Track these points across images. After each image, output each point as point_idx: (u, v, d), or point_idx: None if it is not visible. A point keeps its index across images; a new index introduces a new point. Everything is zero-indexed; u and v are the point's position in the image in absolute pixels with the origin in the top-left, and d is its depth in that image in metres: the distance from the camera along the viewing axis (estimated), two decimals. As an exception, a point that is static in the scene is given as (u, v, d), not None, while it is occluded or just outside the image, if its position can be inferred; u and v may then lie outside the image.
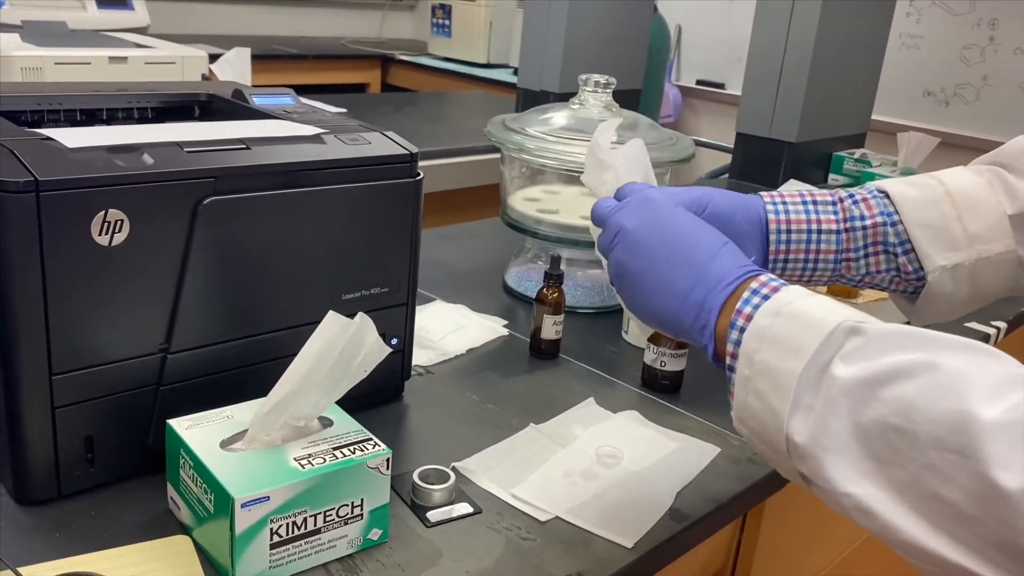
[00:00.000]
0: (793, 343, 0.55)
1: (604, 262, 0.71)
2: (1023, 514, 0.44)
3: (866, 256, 0.76)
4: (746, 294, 0.60)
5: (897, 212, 0.74)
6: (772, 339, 0.57)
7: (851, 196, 0.77)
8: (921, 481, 0.48)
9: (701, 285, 0.62)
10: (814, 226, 0.75)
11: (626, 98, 2.15)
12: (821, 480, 0.53)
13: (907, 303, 0.79)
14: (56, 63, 1.68)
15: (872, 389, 0.51)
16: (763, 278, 0.61)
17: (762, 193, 0.78)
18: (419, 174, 0.86)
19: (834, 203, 0.77)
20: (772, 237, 0.76)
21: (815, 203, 0.77)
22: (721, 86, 3.95)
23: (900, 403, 0.50)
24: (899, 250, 0.74)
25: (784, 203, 0.77)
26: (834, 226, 0.76)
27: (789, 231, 0.76)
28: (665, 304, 0.64)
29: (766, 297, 0.59)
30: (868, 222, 0.75)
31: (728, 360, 0.60)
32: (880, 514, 0.50)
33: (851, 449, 0.52)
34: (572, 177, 1.23)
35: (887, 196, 0.75)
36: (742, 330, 0.59)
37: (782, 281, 0.61)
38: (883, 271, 0.76)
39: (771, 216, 0.76)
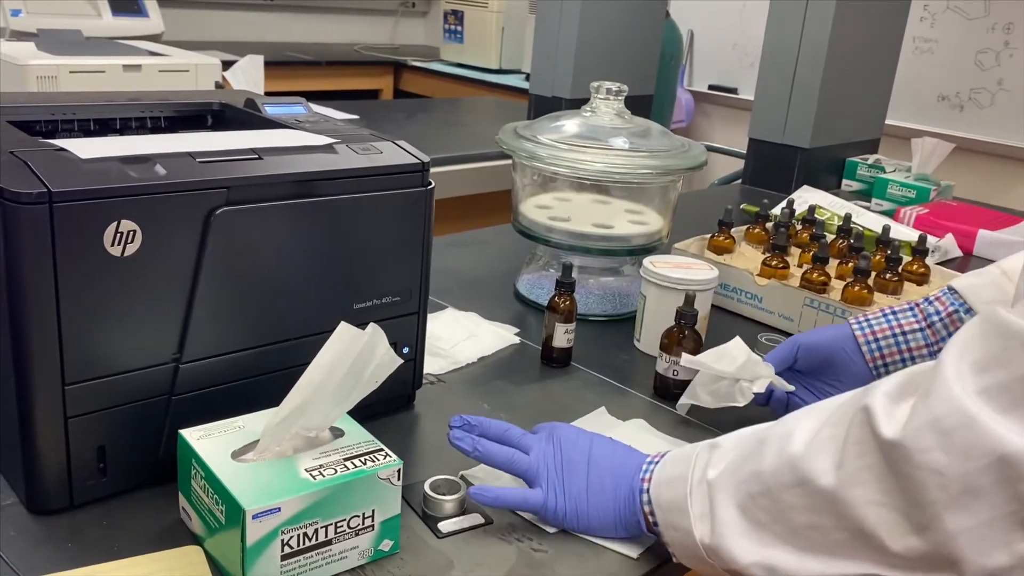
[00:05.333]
0: (677, 475, 0.69)
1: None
2: (849, 501, 0.56)
3: None
4: (644, 466, 0.73)
5: (965, 301, 0.88)
6: (664, 481, 0.70)
7: (926, 300, 0.92)
8: (792, 522, 0.60)
9: (623, 496, 0.73)
10: (897, 330, 0.91)
11: (638, 104, 2.14)
12: (733, 564, 0.63)
13: None
14: (71, 72, 1.69)
15: (735, 474, 0.64)
16: (654, 455, 0.74)
17: (849, 318, 0.94)
18: (430, 183, 0.86)
19: (911, 309, 0.92)
20: (864, 349, 0.91)
21: (894, 313, 0.92)
22: (734, 91, 3.94)
23: (752, 474, 0.63)
24: None
25: (867, 319, 0.93)
26: (916, 326, 0.90)
27: (877, 340, 0.91)
28: (603, 519, 0.74)
29: (655, 462, 0.73)
30: (943, 314, 0.89)
31: (651, 520, 0.71)
32: (782, 566, 0.61)
33: (741, 527, 0.63)
34: (583, 184, 1.22)
35: (955, 291, 0.90)
36: (648, 491, 0.71)
37: (666, 451, 0.74)
38: None
39: (857, 333, 0.92)
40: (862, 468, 0.56)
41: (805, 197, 1.78)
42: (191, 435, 0.70)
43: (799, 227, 1.48)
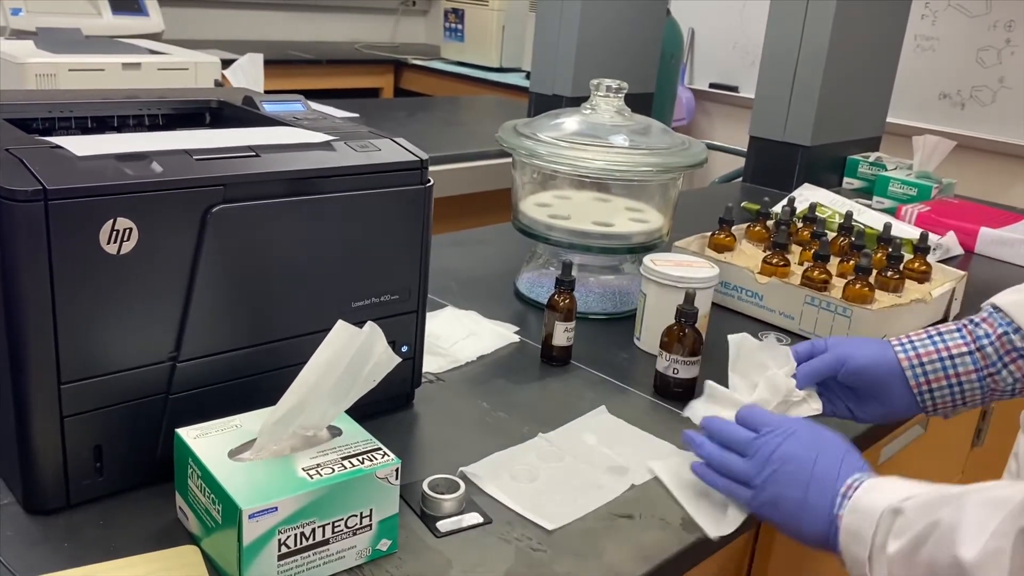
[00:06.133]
0: (859, 533, 0.68)
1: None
2: None
3: (1005, 366, 0.85)
4: (839, 500, 0.72)
5: (1012, 320, 0.85)
6: (848, 533, 0.70)
7: (971, 320, 0.88)
8: None
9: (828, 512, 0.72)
10: (944, 354, 0.86)
11: (639, 102, 2.14)
12: None
13: None
14: (70, 70, 1.68)
15: (911, 557, 0.64)
16: (850, 480, 0.72)
17: (891, 338, 0.89)
18: (429, 180, 0.86)
19: (959, 329, 0.87)
20: (908, 373, 0.86)
21: (940, 334, 0.87)
22: (735, 89, 3.94)
23: (927, 564, 0.63)
24: None
25: (911, 341, 0.88)
26: (964, 348, 0.86)
27: (922, 363, 0.86)
28: (815, 531, 0.73)
29: (848, 497, 0.71)
30: (993, 336, 0.85)
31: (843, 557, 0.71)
32: None
33: None
34: (584, 182, 1.22)
35: (999, 309, 0.86)
36: (840, 529, 0.71)
37: (865, 477, 0.72)
38: None
39: (901, 356, 0.87)
40: None
41: (806, 195, 1.77)
42: (188, 434, 0.69)
43: (800, 225, 1.47)
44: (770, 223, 1.43)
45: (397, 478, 0.69)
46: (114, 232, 0.66)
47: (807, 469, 0.74)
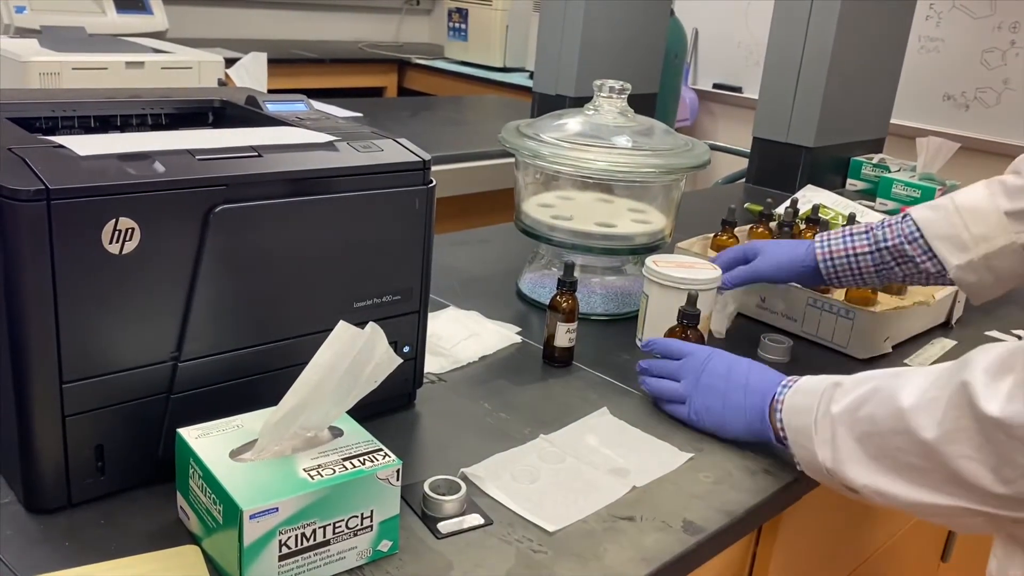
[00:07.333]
0: (806, 406, 0.82)
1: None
2: (944, 454, 0.68)
3: (897, 265, 1.05)
4: (779, 389, 0.88)
5: (919, 230, 1.02)
6: (795, 409, 0.84)
7: (881, 224, 1.07)
8: (898, 460, 0.73)
9: (759, 412, 0.89)
10: (851, 252, 1.08)
11: (642, 102, 2.14)
12: (850, 484, 0.77)
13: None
14: (74, 68, 1.69)
15: (853, 413, 0.77)
16: (787, 379, 0.88)
17: (813, 238, 1.11)
18: (431, 181, 0.86)
19: (867, 232, 1.08)
20: (821, 267, 1.10)
21: (852, 235, 1.09)
22: (738, 90, 3.93)
23: (868, 417, 0.75)
24: (923, 258, 1.03)
25: (829, 240, 1.10)
26: (867, 249, 1.07)
27: (833, 259, 1.09)
28: (736, 428, 0.91)
29: (789, 386, 0.87)
30: (890, 243, 1.05)
31: (781, 435, 0.86)
32: (887, 491, 0.74)
33: (857, 455, 0.76)
34: (586, 183, 1.22)
35: (909, 218, 1.04)
36: (781, 411, 0.86)
37: (797, 377, 0.88)
38: (914, 274, 1.05)
39: (818, 251, 1.10)
40: (958, 429, 0.67)
41: (809, 196, 1.77)
42: (189, 434, 0.69)
43: (803, 226, 1.47)
44: (773, 224, 1.43)
45: (398, 479, 0.69)
46: (116, 232, 0.66)
47: (722, 380, 0.92)
